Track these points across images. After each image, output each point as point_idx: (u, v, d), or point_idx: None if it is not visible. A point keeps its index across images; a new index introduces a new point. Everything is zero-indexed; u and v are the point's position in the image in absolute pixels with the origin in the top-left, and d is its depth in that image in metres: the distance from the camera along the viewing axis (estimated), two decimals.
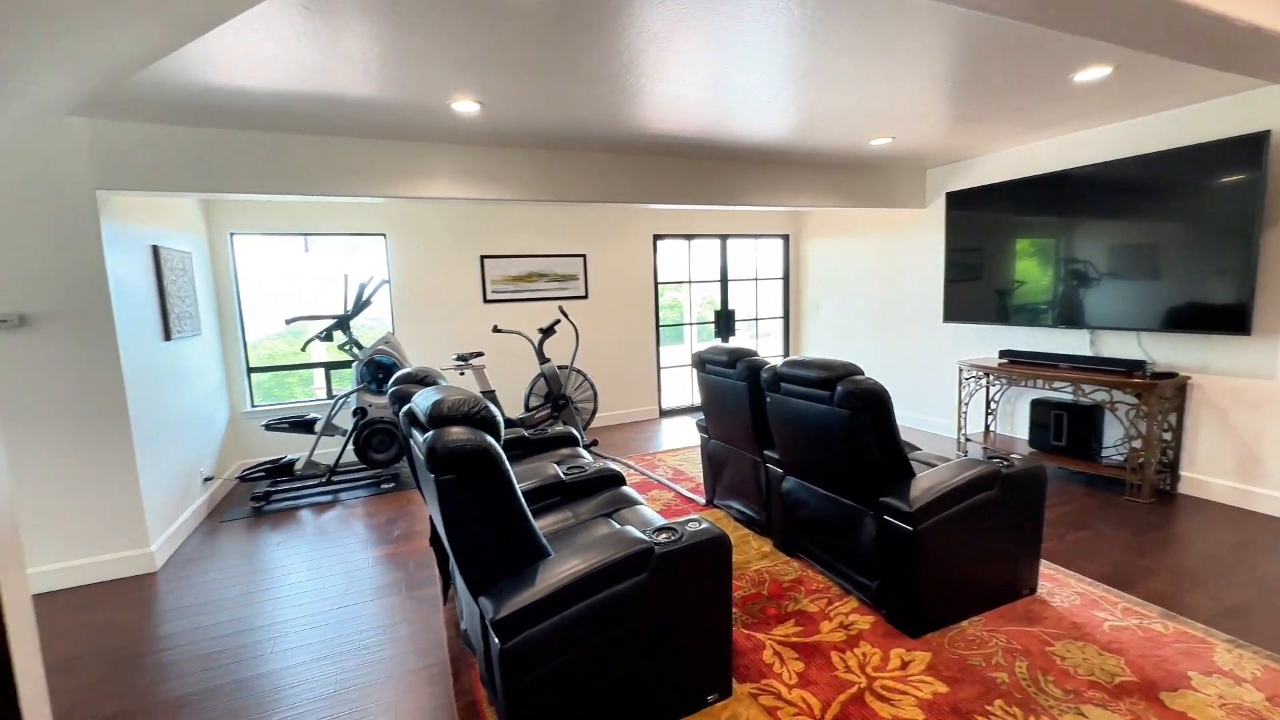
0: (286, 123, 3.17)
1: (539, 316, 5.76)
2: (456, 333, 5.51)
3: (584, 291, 6.02)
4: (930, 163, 4.99)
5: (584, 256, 5.99)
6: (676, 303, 7.10)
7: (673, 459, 4.86)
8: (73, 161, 2.94)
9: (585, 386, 5.48)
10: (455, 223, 5.44)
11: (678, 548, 1.82)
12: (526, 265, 5.75)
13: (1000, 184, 4.49)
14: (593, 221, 6.00)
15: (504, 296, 5.69)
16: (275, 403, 5.15)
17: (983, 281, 4.68)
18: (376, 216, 5.16)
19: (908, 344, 5.61)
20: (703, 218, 6.50)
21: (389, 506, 4.05)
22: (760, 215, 6.80)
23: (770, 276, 7.11)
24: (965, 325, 4.96)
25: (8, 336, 2.88)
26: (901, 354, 5.66)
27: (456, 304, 5.51)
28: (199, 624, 2.65)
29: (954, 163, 4.99)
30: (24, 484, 2.95)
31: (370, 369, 4.56)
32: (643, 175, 4.34)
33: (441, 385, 2.08)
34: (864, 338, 6.10)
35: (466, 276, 5.53)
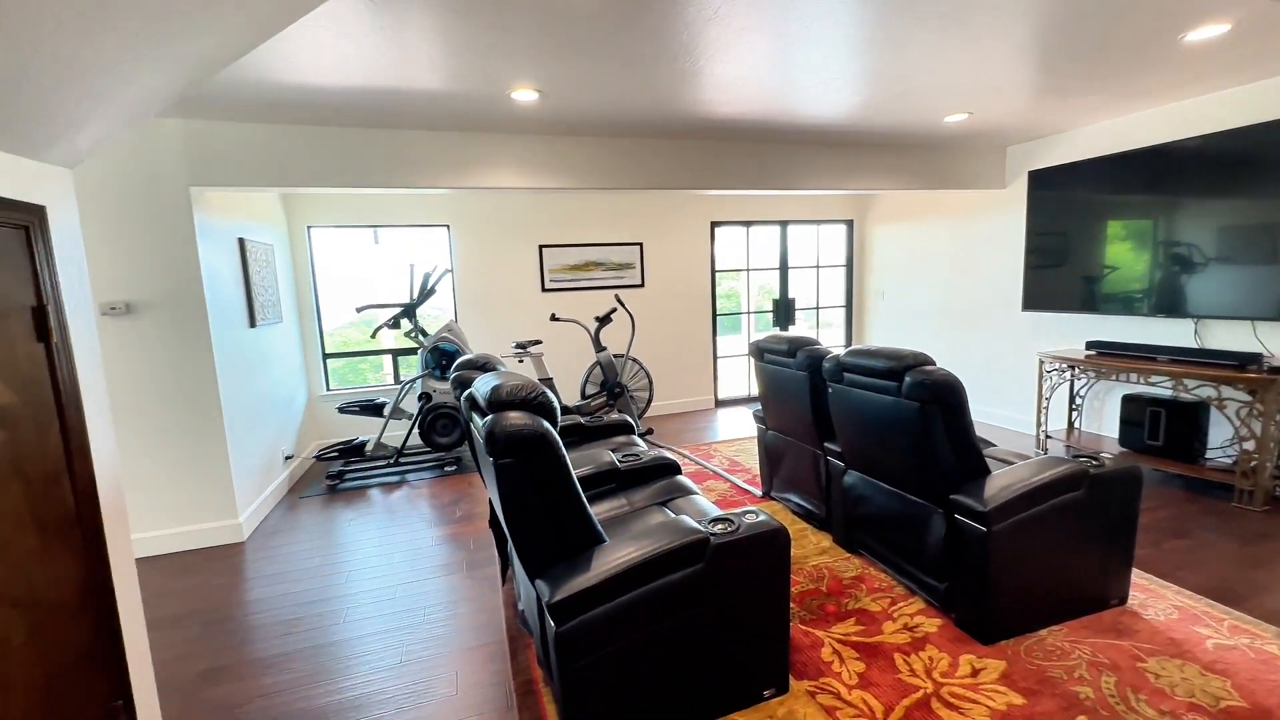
0: (357, 118, 3.30)
1: (596, 305, 5.79)
2: (515, 321, 5.62)
3: (640, 280, 6.01)
4: (1011, 140, 4.66)
5: (640, 245, 5.97)
6: (733, 292, 6.99)
7: (728, 449, 4.80)
8: (169, 160, 3.17)
9: (640, 375, 5.48)
10: (515, 213, 5.53)
11: (734, 539, 1.78)
12: (584, 254, 5.79)
13: (1091, 160, 4.14)
14: (649, 209, 5.97)
15: (561, 285, 5.76)
16: (348, 387, 5.43)
17: (1068, 267, 4.33)
18: (440, 208, 5.32)
19: (982, 334, 5.29)
20: (762, 203, 6.34)
21: (451, 489, 4.20)
22: (823, 200, 6.56)
23: (832, 264, 6.86)
24: (1047, 314, 4.62)
25: (117, 323, 3.15)
26: (975, 345, 5.35)
27: (516, 293, 5.62)
28: (281, 591, 2.84)
29: (1038, 139, 4.64)
30: (130, 458, 3.23)
31: (434, 355, 4.72)
32: (701, 161, 4.26)
33: (500, 371, 2.12)
34: (933, 327, 5.80)
35: (525, 266, 5.63)
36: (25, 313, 1.38)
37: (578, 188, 4.03)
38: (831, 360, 2.64)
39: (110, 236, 3.10)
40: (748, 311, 6.65)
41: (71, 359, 1.51)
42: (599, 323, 5.14)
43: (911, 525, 2.38)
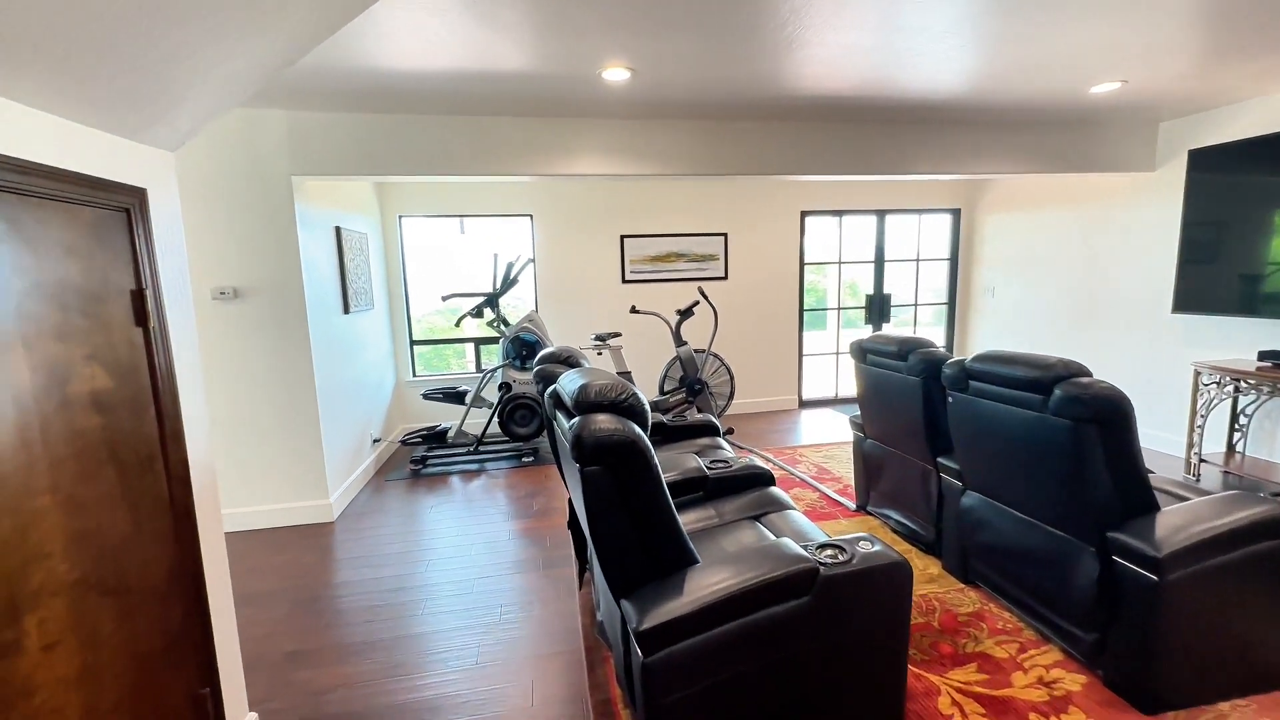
0: (445, 105, 3.27)
1: (676, 298, 5.61)
2: (595, 312, 5.54)
3: (724, 272, 5.76)
4: (1165, 114, 4.01)
5: (725, 235, 5.71)
6: (815, 286, 6.59)
7: (816, 455, 4.48)
8: (272, 150, 3.27)
9: (722, 372, 5.24)
10: (597, 202, 5.43)
11: (847, 571, 1.55)
12: (666, 245, 5.61)
13: (1272, 137, 3.47)
14: (736, 198, 5.69)
15: (642, 277, 5.61)
16: (433, 373, 5.56)
17: (1233, 262, 3.68)
18: (524, 197, 5.31)
19: (1118, 338, 4.64)
20: (857, 191, 5.89)
21: (528, 480, 4.16)
22: (926, 187, 6.02)
23: (934, 257, 6.30)
24: (1203, 317, 3.96)
25: (225, 307, 3.30)
26: (1109, 350, 4.71)
27: (596, 284, 5.53)
28: (365, 576, 2.87)
29: (1199, 113, 3.97)
30: (230, 436, 3.40)
31: (515, 345, 4.71)
32: (795, 144, 3.96)
33: (586, 368, 1.98)
34: (1055, 329, 5.18)
35: (606, 256, 5.52)
36: (124, 297, 1.37)
37: (663, 174, 3.85)
38: (954, 366, 2.32)
39: (219, 224, 3.24)
40: (837, 308, 6.23)
41: (168, 344, 1.49)
42: (680, 316, 4.95)
43: (1051, 562, 2.03)
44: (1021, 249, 5.49)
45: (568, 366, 2.49)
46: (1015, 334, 5.59)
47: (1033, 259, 5.35)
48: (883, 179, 4.96)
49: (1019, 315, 5.54)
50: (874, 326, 6.23)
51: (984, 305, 5.99)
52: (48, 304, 1.14)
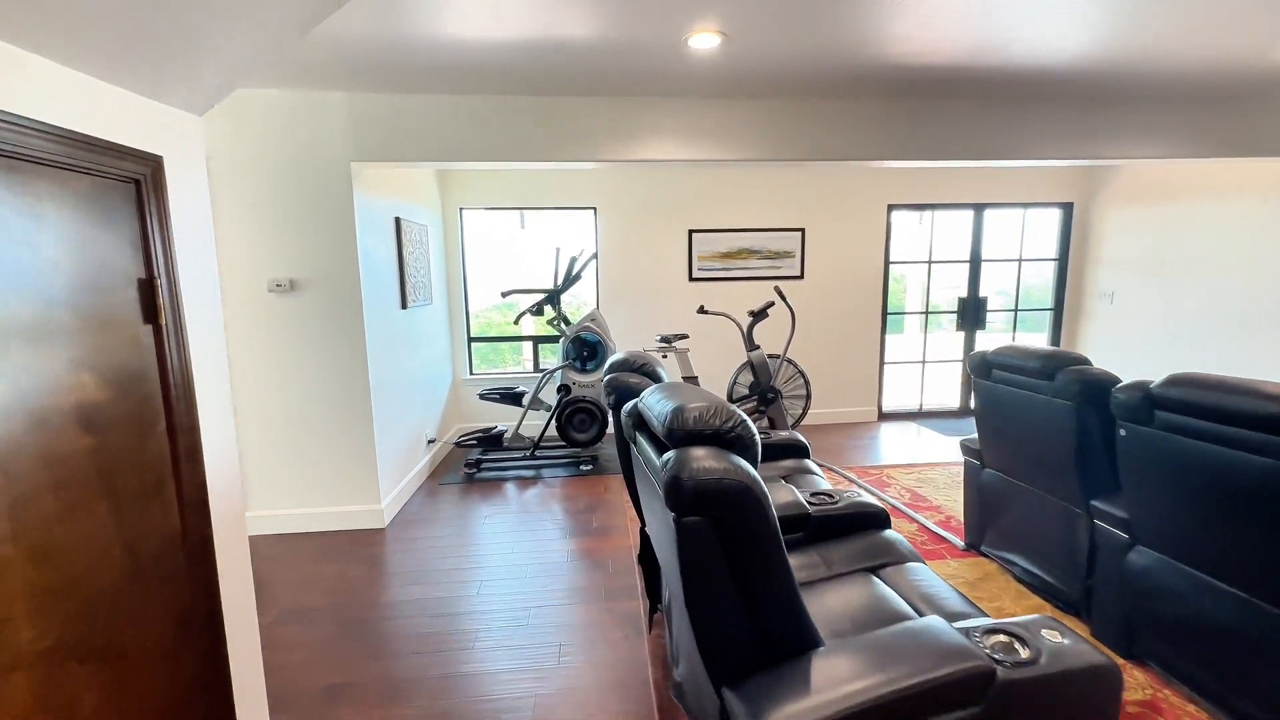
0: (511, 84, 3.00)
1: (747, 298, 5.19)
2: (660, 312, 5.20)
3: (799, 270, 5.30)
4: None
5: (802, 231, 5.25)
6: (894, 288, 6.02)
7: (906, 477, 3.99)
8: (332, 135, 3.09)
9: (797, 379, 4.80)
10: (664, 194, 5.09)
11: (1034, 675, 1.14)
12: (737, 241, 5.21)
13: None
14: (815, 190, 5.22)
15: (711, 275, 5.23)
16: (491, 369, 5.37)
17: None
18: (587, 189, 5.02)
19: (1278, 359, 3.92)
20: (952, 182, 5.30)
21: (587, 491, 3.87)
22: (1033, 178, 5.36)
23: (1037, 257, 5.62)
24: None
25: (281, 300, 3.15)
26: (1269, 373, 3.98)
27: (661, 282, 5.19)
28: (414, 596, 2.64)
29: None
30: (279, 434, 3.25)
31: (575, 346, 4.43)
32: (889, 125, 3.47)
33: (672, 383, 1.63)
34: (1190, 344, 4.45)
35: (673, 252, 5.17)
36: (130, 287, 1.12)
37: (743, 159, 3.45)
38: (1132, 391, 1.83)
39: (276, 213, 3.09)
40: (924, 311, 5.65)
41: (185, 344, 1.25)
42: (753, 318, 4.54)
43: (1276, 655, 1.54)
44: (1152, 249, 4.77)
45: (643, 376, 2.15)
46: (1137, 345, 4.87)
47: (1167, 261, 4.63)
48: (988, 165, 4.40)
49: (1147, 325, 4.82)
50: (966, 333, 5.62)
51: (1098, 312, 5.28)
52: (17, 296, 0.89)
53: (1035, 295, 5.68)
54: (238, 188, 3.06)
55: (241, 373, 3.17)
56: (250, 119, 3.03)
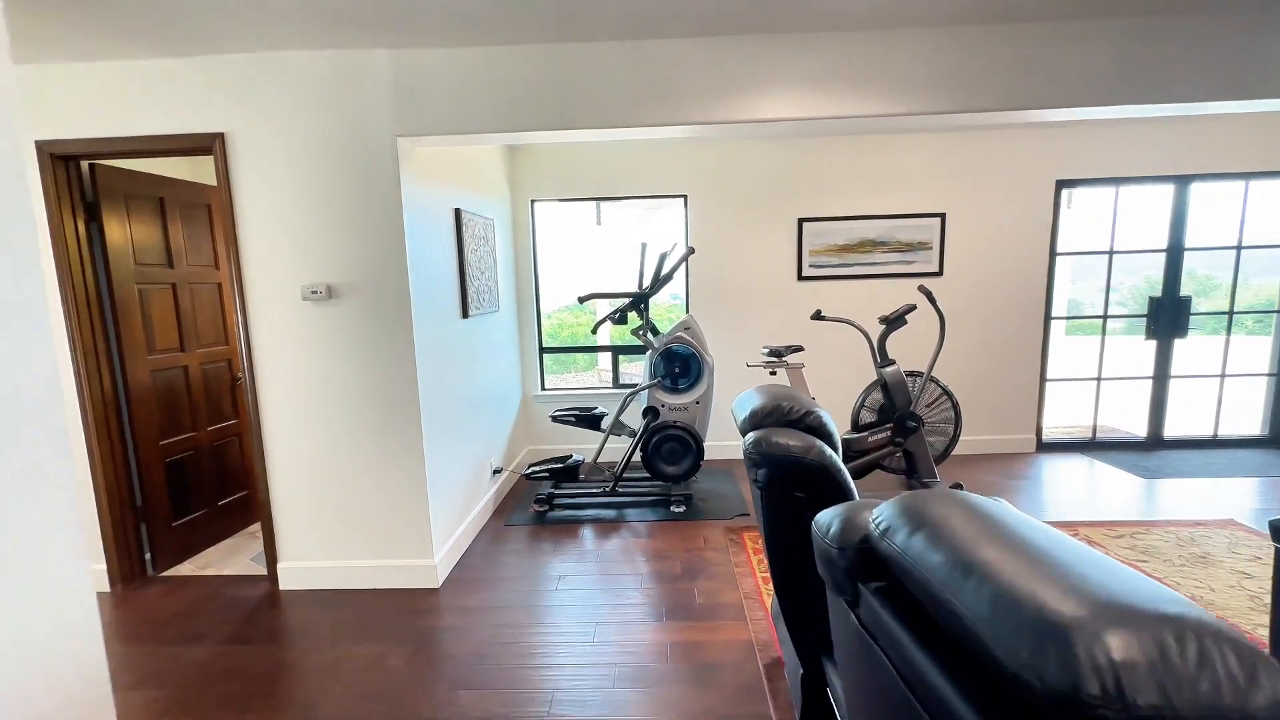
0: (593, 24, 2.28)
1: (873, 300, 4.25)
2: (763, 318, 4.36)
3: (937, 265, 4.29)
4: None
5: (942, 216, 4.24)
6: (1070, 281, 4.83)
7: (1116, 542, 2.93)
8: (375, 105, 2.49)
9: (944, 403, 3.81)
10: (769, 176, 4.24)
11: None
12: (858, 230, 4.27)
13: None
14: (961, 163, 4.20)
15: (825, 272, 4.33)
16: (560, 381, 4.72)
17: None
18: (677, 173, 4.27)
19: None
20: (1144, 145, 4.11)
21: (681, 542, 3.10)
22: (1260, 133, 4.07)
23: (1262, 244, 4.30)
24: None
25: (317, 309, 2.60)
26: None
27: (766, 281, 4.35)
28: (466, 705, 1.97)
29: None
30: (314, 471, 2.69)
31: (666, 360, 3.68)
32: (1100, 55, 2.46)
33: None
34: None
35: (779, 246, 4.32)
36: None
37: (892, 114, 2.55)
38: None
39: (310, 205, 2.54)
40: (1103, 315, 4.47)
41: None
42: (886, 325, 3.61)
43: None
44: None
45: (810, 436, 1.36)
46: None
47: None
48: (1218, 110, 3.25)
49: None
50: (1160, 341, 4.39)
51: None
52: None
53: (1266, 292, 4.36)
54: (263, 175, 2.53)
55: (269, 395, 2.65)
56: (273, 91, 2.48)
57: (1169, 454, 4.27)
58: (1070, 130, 4.12)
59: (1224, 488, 3.62)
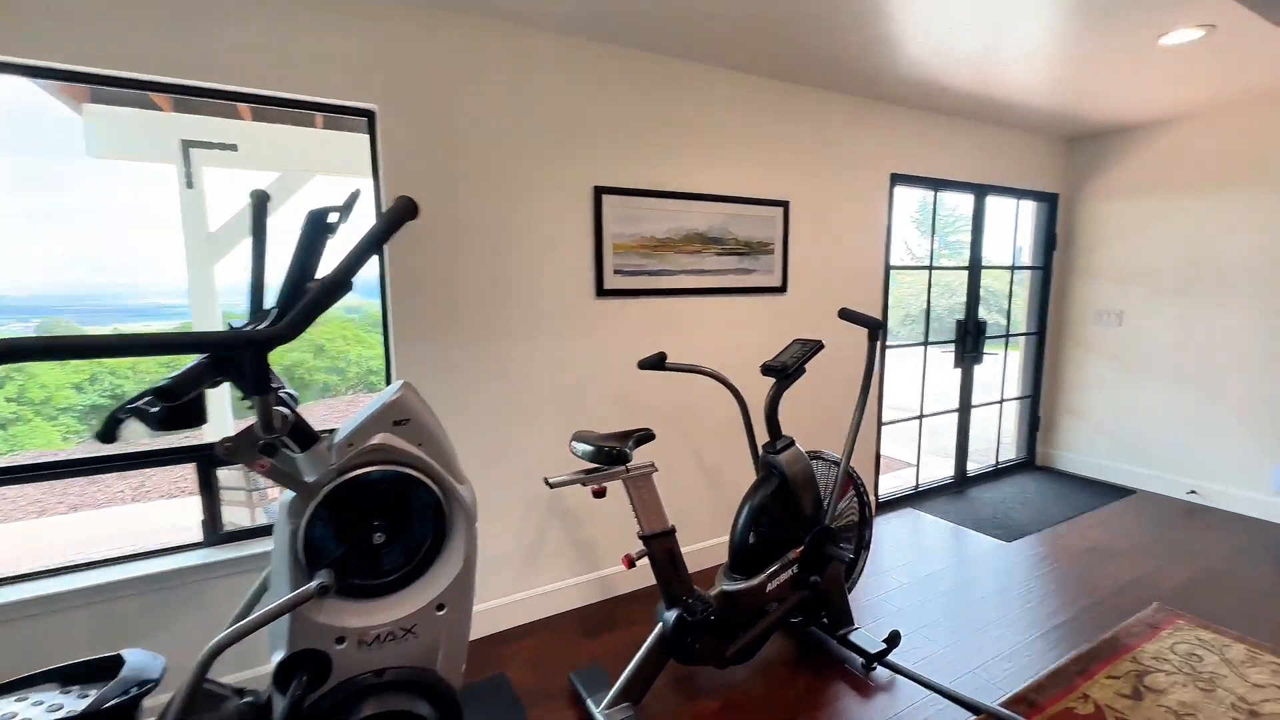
0: None
1: (713, 327, 2.70)
2: (547, 365, 2.37)
3: (779, 278, 2.96)
4: None
5: (785, 206, 2.93)
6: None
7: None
8: None
9: (851, 504, 2.39)
10: (540, 101, 2.29)
11: None
12: (683, 216, 2.64)
13: None
14: (802, 141, 2.95)
15: (639, 283, 2.57)
16: None
17: None
18: (354, 66, 1.96)
19: None
20: (952, 148, 3.55)
21: None
22: (1027, 151, 3.92)
23: (1023, 264, 4.25)
24: None
25: None
26: None
27: (544, 295, 2.37)
28: None
29: None
30: None
31: (338, 520, 1.36)
32: None
33: None
34: (1245, 377, 3.30)
35: (563, 229, 2.39)
36: None
37: None
38: None
39: None
40: (925, 343, 3.81)
41: None
42: (777, 378, 2.03)
43: None
44: (1172, 252, 3.59)
45: None
46: (1177, 385, 3.66)
47: (1222, 269, 3.46)
48: None
49: (1182, 358, 3.62)
50: (964, 369, 3.94)
51: (1097, 338, 4.04)
52: None
53: (1016, 315, 4.30)
54: None
55: None
56: None
57: (977, 493, 3.82)
58: (902, 120, 3.27)
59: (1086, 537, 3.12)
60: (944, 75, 2.78)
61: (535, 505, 2.40)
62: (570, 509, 2.49)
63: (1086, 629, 2.33)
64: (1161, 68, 2.71)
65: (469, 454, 2.21)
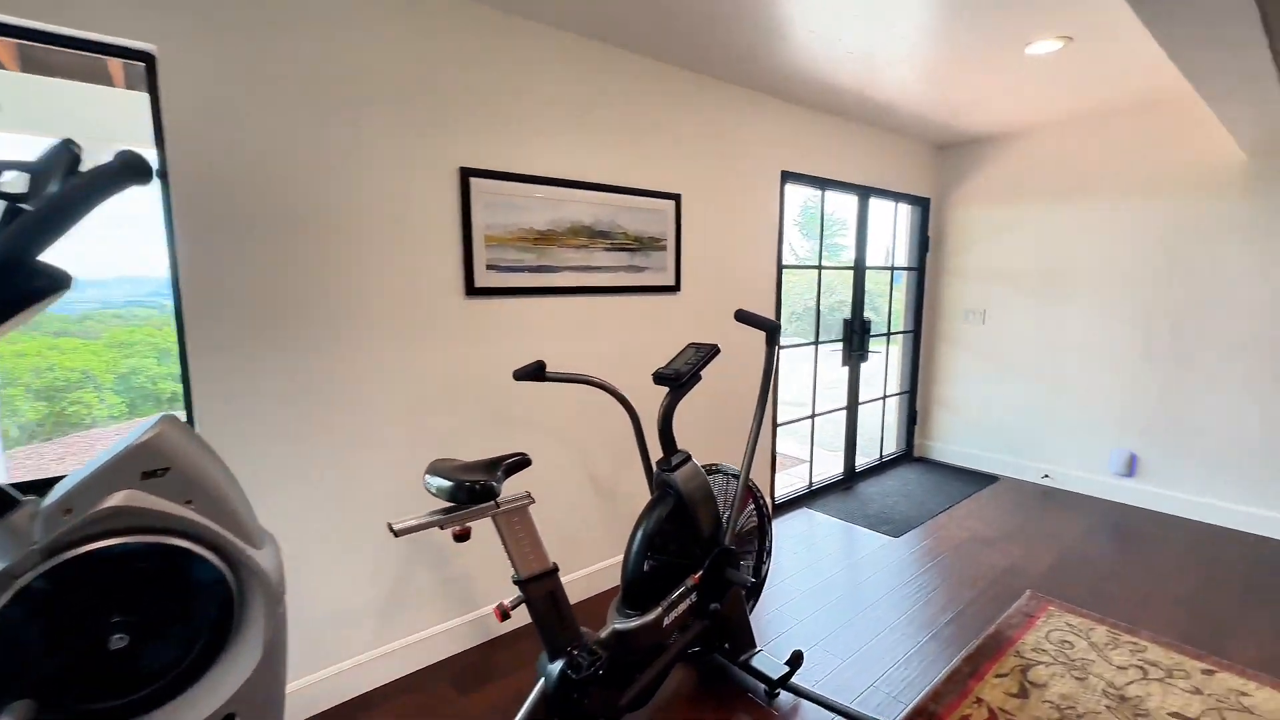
0: None
1: (603, 330, 2.45)
2: (399, 377, 2.00)
3: (673, 277, 2.78)
4: None
5: (677, 199, 2.75)
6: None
7: None
8: None
9: (751, 520, 2.24)
10: (392, 62, 1.92)
11: None
12: (567, 206, 2.37)
13: None
14: (694, 128, 2.79)
15: (517, 280, 2.26)
16: None
17: None
18: (136, 8, 1.49)
19: (1229, 388, 3.23)
20: (841, 145, 3.59)
21: None
22: (906, 154, 4.07)
23: (902, 265, 4.43)
24: None
25: None
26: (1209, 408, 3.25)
27: (399, 293, 1.99)
28: None
29: None
30: None
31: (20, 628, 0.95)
32: None
33: None
34: (1123, 372, 3.64)
35: (427, 216, 2.03)
36: None
37: None
38: None
39: None
40: (815, 342, 3.82)
41: None
42: (671, 387, 1.83)
43: None
44: (1035, 257, 3.89)
45: None
46: (1032, 378, 3.97)
47: (1068, 271, 3.77)
48: None
49: (1037, 353, 3.93)
50: (851, 367, 4.02)
51: (964, 336, 4.30)
52: None
53: (896, 314, 4.47)
54: None
55: None
56: None
57: (864, 488, 3.91)
58: (793, 118, 3.22)
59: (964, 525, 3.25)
60: (831, 72, 2.74)
61: (391, 544, 2.03)
62: (436, 544, 2.14)
63: (973, 624, 2.36)
64: (1025, 79, 2.84)
65: (300, 492, 1.80)
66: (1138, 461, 3.57)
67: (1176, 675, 2.05)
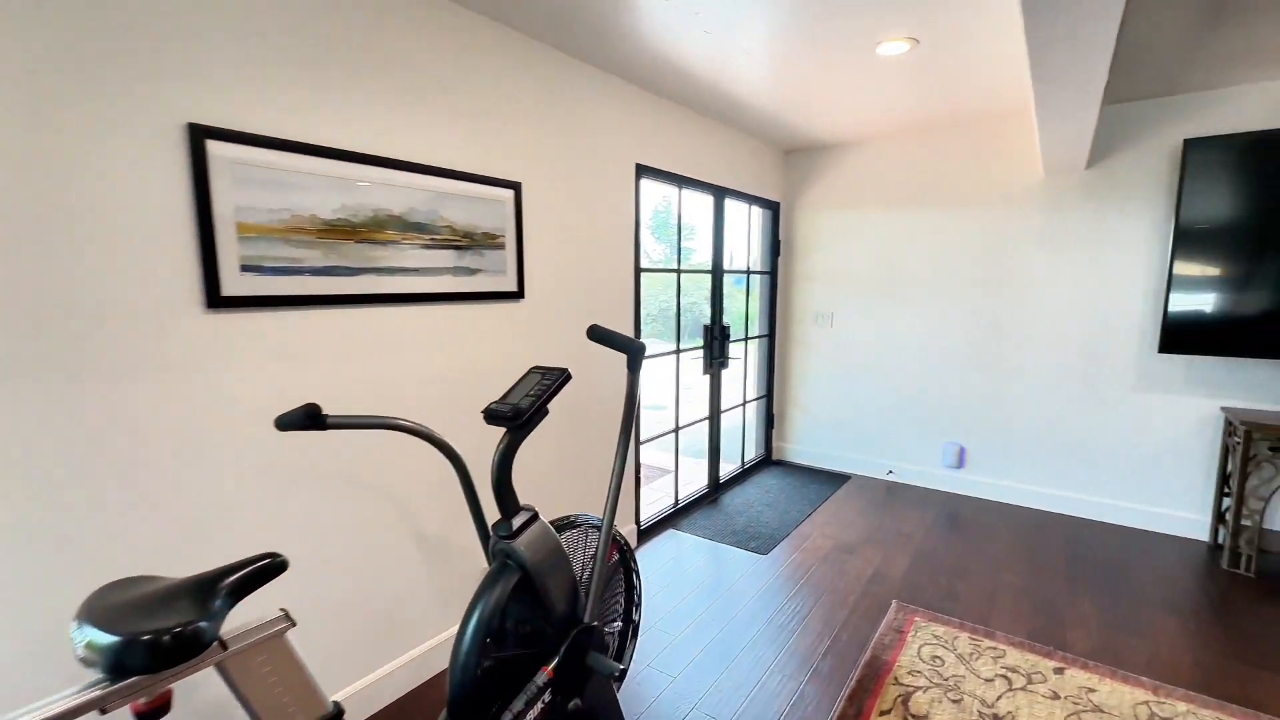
0: None
1: (428, 350, 1.93)
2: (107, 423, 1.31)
3: (515, 281, 2.33)
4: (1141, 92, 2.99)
5: (517, 188, 2.30)
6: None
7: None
8: None
9: (617, 584, 1.85)
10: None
11: None
12: (365, 189, 1.82)
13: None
14: (536, 111, 2.36)
15: (288, 287, 1.66)
16: None
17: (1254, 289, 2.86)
18: None
19: (1059, 388, 3.57)
20: (698, 139, 3.40)
21: None
22: (758, 154, 4.01)
23: (756, 269, 4.38)
24: (1209, 360, 3.10)
25: None
26: (1022, 405, 3.58)
27: (95, 294, 1.31)
28: None
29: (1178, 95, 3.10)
30: None
31: None
32: None
33: None
34: (947, 374, 3.87)
35: (140, 206, 1.36)
36: None
37: None
38: None
39: None
40: (677, 350, 3.57)
41: None
42: (509, 427, 1.40)
43: None
44: (875, 262, 4.05)
45: None
46: (876, 378, 4.12)
47: (905, 276, 3.95)
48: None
49: (879, 354, 4.09)
50: (713, 374, 3.85)
51: (813, 338, 4.38)
52: None
53: (751, 318, 4.42)
54: None
55: None
56: None
57: (729, 499, 3.78)
58: (650, 108, 2.93)
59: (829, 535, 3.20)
60: (689, 56, 2.47)
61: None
62: None
63: (849, 650, 2.23)
64: (873, 80, 2.82)
65: None
66: (966, 454, 3.83)
67: (1035, 680, 2.06)
